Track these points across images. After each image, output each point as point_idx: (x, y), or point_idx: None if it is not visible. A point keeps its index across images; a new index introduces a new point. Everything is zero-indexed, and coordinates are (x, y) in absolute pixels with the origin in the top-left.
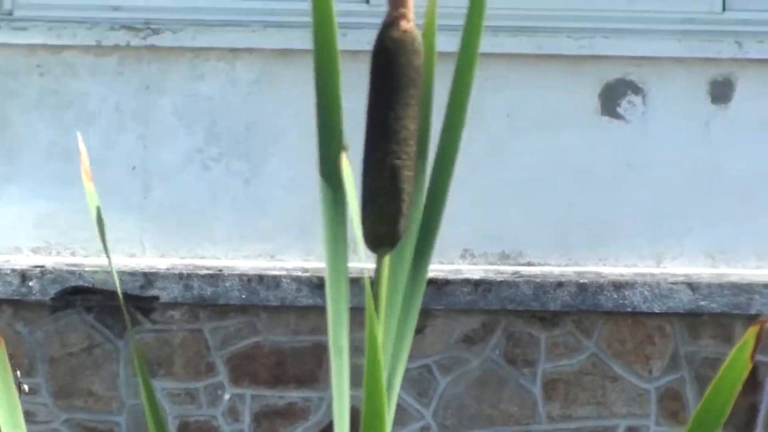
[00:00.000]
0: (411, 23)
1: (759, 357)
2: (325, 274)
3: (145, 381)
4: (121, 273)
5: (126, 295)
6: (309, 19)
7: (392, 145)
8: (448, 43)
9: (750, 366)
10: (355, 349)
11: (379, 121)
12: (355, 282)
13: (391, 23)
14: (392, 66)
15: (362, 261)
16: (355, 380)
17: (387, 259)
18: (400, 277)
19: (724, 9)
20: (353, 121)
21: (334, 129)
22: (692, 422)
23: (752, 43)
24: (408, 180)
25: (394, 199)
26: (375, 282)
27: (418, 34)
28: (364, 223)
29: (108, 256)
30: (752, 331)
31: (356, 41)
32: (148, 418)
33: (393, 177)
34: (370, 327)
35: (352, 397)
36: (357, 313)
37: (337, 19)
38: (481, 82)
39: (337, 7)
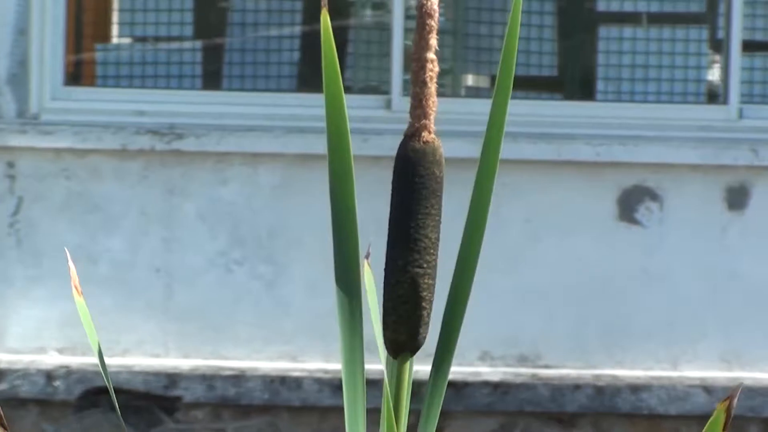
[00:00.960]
0: (432, 134)
1: None
2: (342, 377)
3: None
4: (145, 373)
5: (150, 395)
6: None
7: (413, 254)
8: (468, 149)
9: None
10: None
11: (401, 229)
12: (375, 384)
13: (413, 134)
14: (414, 176)
15: (382, 364)
16: None
17: (407, 365)
18: (407, 374)
19: (740, 117)
20: (375, 224)
21: (349, 236)
22: None
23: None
24: (429, 288)
25: (416, 307)
26: (396, 386)
27: (439, 145)
28: (385, 330)
29: (102, 365)
30: (723, 403)
31: (377, 147)
32: None
33: (414, 286)
34: (402, 425)
35: None
36: (377, 414)
37: (357, 125)
38: (500, 188)
39: (357, 112)
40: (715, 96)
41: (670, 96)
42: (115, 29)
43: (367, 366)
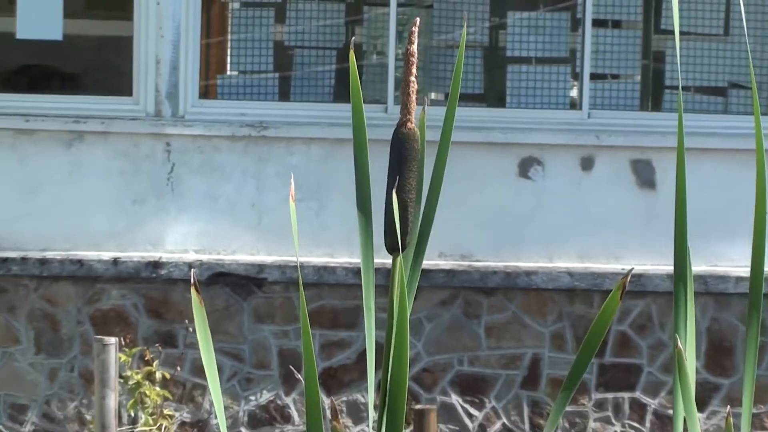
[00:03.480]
0: (413, 124)
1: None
2: (361, 267)
3: (305, 327)
4: (246, 264)
5: (248, 277)
6: (347, 116)
7: (402, 193)
8: (434, 135)
9: (619, 303)
10: (378, 309)
11: (396, 178)
12: (379, 270)
13: (402, 125)
14: (402, 148)
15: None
16: (378, 326)
17: (399, 258)
18: (405, 268)
19: (588, 117)
20: (376, 176)
21: (364, 183)
22: (588, 339)
23: (605, 136)
24: (412, 213)
25: (404, 223)
26: (391, 271)
27: (416, 131)
28: (385, 237)
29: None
30: (621, 281)
31: (378, 134)
32: (304, 342)
33: (403, 210)
34: (396, 294)
35: (377, 336)
36: (380, 289)
37: (367, 122)
38: (452, 158)
39: (367, 114)
40: (575, 104)
41: (549, 103)
42: (227, 65)
43: (376, 259)
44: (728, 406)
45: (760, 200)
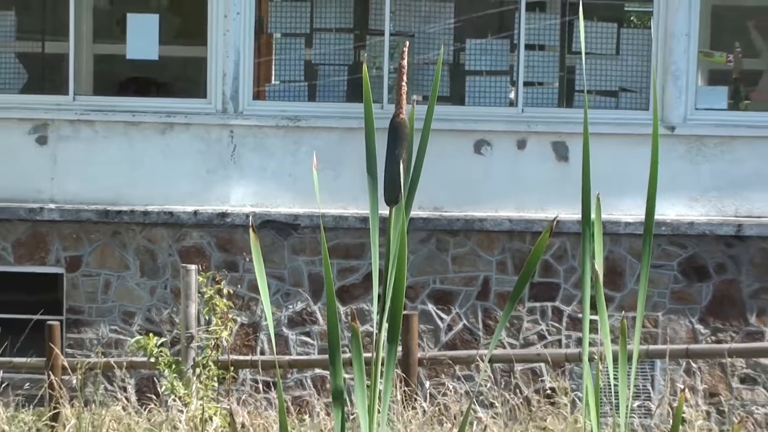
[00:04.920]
0: (404, 116)
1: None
2: (370, 216)
3: (326, 258)
4: (285, 214)
5: (286, 223)
6: (361, 113)
7: (396, 166)
8: (418, 124)
9: (547, 241)
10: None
11: (392, 154)
12: (379, 218)
13: (396, 115)
14: (397, 133)
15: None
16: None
17: (394, 209)
18: (398, 216)
19: (522, 112)
20: (376, 152)
21: (372, 156)
22: (525, 267)
23: (533, 125)
24: (402, 178)
25: (396, 184)
26: (388, 219)
27: (406, 121)
28: (384, 194)
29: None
30: (549, 227)
31: (376, 124)
32: (325, 268)
33: (396, 176)
34: (391, 233)
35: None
36: (380, 231)
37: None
38: (432, 139)
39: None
40: (513, 103)
41: (495, 102)
42: (272, 77)
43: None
44: (623, 311)
45: (653, 171)
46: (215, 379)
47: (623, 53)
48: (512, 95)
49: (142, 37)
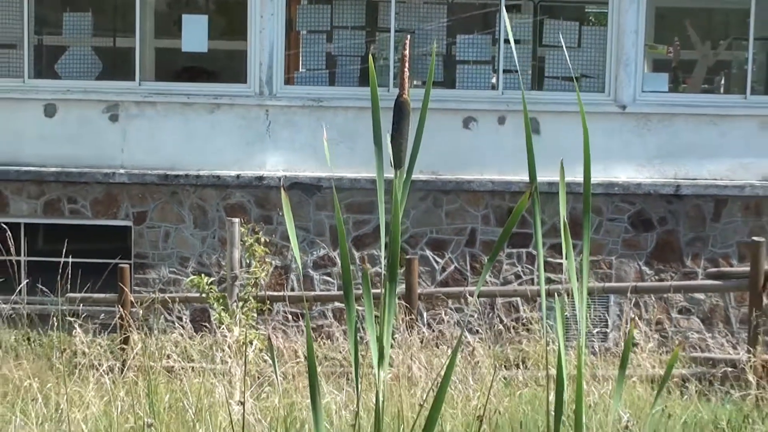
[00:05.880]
0: (407, 96)
1: None
2: (376, 177)
3: (338, 214)
4: (309, 177)
5: (310, 184)
6: (368, 94)
7: (400, 135)
8: (417, 104)
9: (527, 202)
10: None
11: (397, 127)
12: (386, 180)
13: (400, 95)
14: (401, 110)
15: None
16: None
17: (399, 172)
18: (401, 178)
19: (502, 94)
20: (383, 127)
21: (377, 130)
22: (507, 223)
23: (512, 105)
24: (405, 146)
25: (401, 150)
26: (393, 179)
27: (409, 101)
28: (392, 160)
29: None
30: (528, 191)
31: (383, 104)
32: (338, 222)
33: (401, 144)
34: (396, 191)
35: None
36: (387, 193)
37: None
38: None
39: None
40: (494, 86)
41: (480, 86)
42: (300, 66)
43: (384, 174)
44: (581, 255)
45: (586, 151)
46: (254, 310)
47: (584, 46)
48: (494, 80)
49: (195, 34)
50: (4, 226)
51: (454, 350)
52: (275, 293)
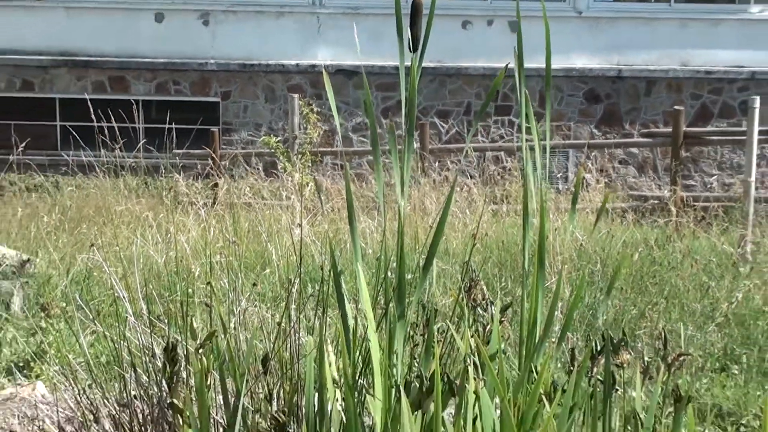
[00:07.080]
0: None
1: None
2: (399, 63)
3: (366, 90)
4: (350, 65)
5: (350, 70)
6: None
7: (416, 25)
8: (427, 10)
9: (502, 77)
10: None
11: (413, 21)
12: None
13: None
14: (416, 9)
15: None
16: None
17: (414, 55)
18: (416, 59)
19: (491, 3)
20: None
21: (401, 25)
22: (487, 96)
23: (499, 10)
24: (419, 37)
25: (417, 38)
26: (411, 65)
27: (422, 3)
28: (409, 47)
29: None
30: (501, 73)
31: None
32: (366, 101)
33: (416, 33)
34: (413, 69)
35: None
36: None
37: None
38: (434, 21)
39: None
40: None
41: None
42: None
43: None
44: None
45: (547, 44)
46: (309, 162)
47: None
48: None
49: None
50: (133, 101)
51: (452, 188)
52: (324, 149)
